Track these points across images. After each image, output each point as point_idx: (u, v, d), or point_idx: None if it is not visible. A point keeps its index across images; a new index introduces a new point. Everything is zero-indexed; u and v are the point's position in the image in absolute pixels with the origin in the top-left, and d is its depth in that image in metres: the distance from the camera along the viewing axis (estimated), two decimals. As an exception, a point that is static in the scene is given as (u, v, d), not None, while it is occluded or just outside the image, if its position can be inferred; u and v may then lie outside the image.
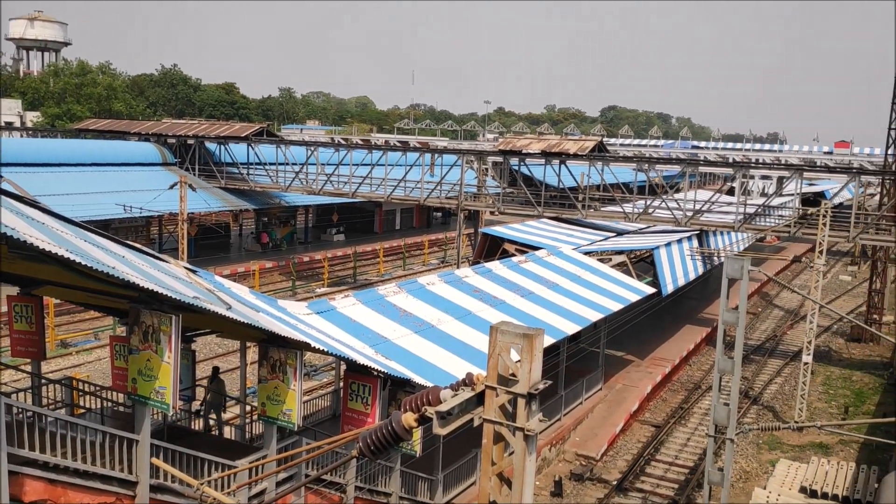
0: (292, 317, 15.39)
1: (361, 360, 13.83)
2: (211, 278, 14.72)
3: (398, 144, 78.33)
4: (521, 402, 5.83)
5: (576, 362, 25.39)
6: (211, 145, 49.46)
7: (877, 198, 41.46)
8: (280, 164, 45.58)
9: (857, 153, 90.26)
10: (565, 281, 25.32)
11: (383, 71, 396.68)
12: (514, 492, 5.91)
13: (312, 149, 43.97)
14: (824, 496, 18.96)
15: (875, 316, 36.05)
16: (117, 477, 10.83)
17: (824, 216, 26.02)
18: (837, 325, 38.30)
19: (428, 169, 42.21)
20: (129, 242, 12.96)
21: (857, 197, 32.90)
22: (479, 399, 6.25)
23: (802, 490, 19.34)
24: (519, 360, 5.97)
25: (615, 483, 20.36)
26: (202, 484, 8.94)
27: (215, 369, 18.09)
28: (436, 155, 42.93)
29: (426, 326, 18.00)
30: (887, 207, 33.86)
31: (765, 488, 19.48)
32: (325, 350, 13.11)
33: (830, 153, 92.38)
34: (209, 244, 48.55)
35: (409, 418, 5.80)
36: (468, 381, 6.33)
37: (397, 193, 41.68)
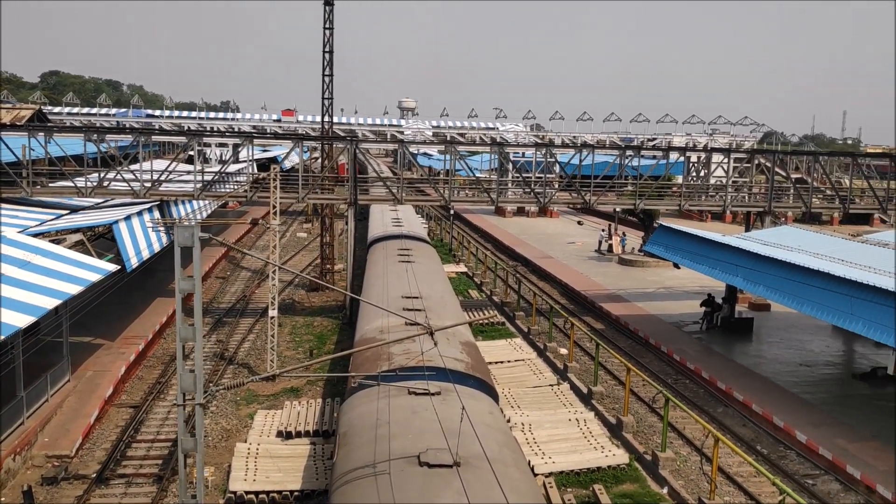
0: None
1: None
2: None
3: None
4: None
5: (36, 357, 22.80)
6: None
7: (319, 161, 46.35)
8: None
9: (302, 120, 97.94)
10: (11, 269, 22.35)
11: None
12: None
13: None
14: (298, 434, 20.89)
15: (328, 266, 40.58)
16: None
17: (275, 180, 28.01)
18: (299, 279, 42.06)
19: None
20: None
21: (302, 161, 36.26)
22: None
23: (279, 434, 20.96)
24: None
25: (94, 476, 19.08)
26: None
27: None
28: None
29: None
30: (327, 168, 38.17)
31: (246, 441, 20.54)
32: None
33: (279, 121, 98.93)
34: None
35: None
36: None
37: None
